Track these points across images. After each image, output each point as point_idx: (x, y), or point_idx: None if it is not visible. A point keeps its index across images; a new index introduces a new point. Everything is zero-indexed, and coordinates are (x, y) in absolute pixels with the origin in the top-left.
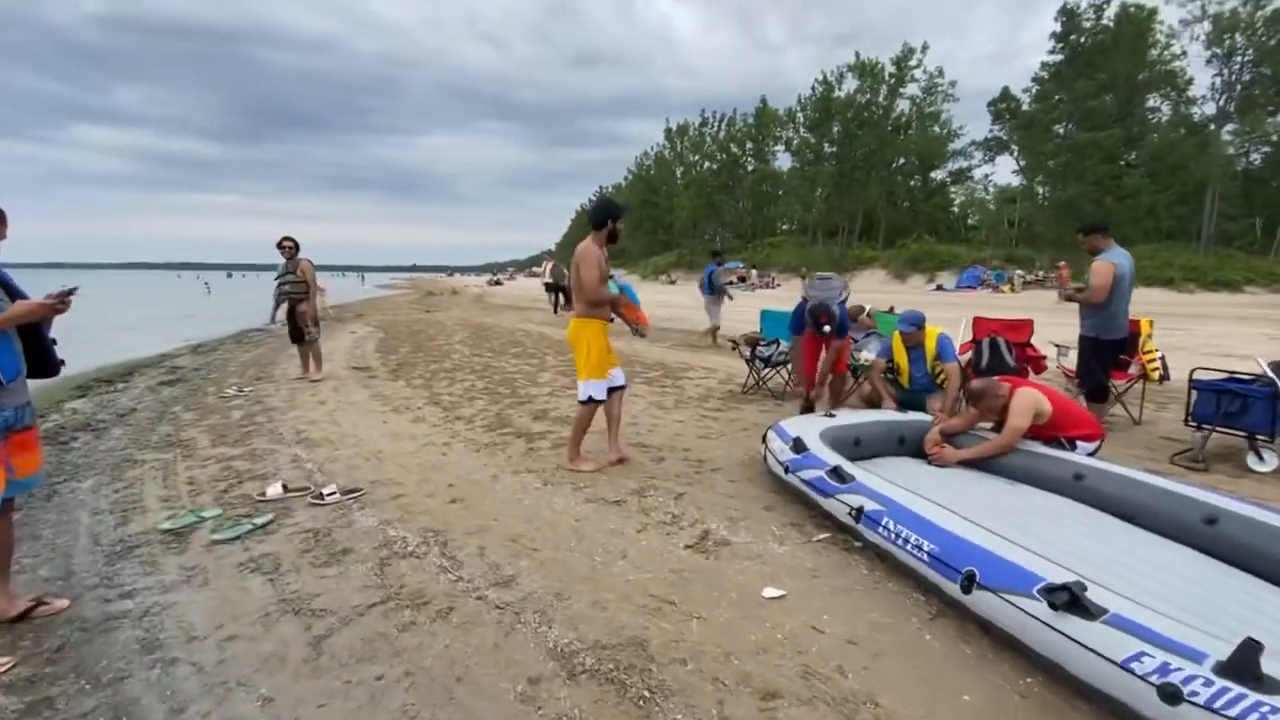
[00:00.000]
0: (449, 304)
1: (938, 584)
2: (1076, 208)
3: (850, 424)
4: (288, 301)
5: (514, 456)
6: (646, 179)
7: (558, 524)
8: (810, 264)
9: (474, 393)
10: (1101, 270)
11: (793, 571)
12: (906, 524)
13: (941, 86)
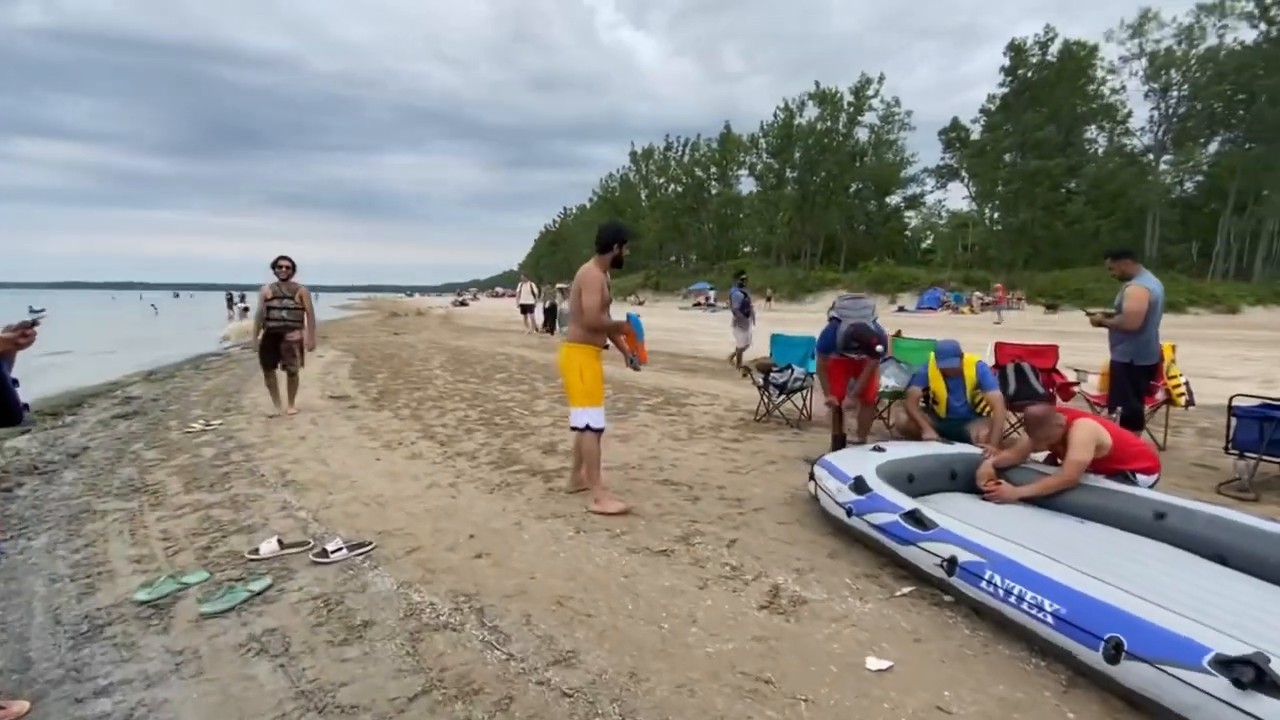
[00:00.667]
0: (416, 325)
1: (1069, 650)
2: (1028, 232)
3: (903, 459)
4: (277, 328)
5: (533, 499)
6: (612, 201)
7: (605, 581)
8: (775, 285)
9: (469, 424)
10: (1138, 295)
11: (889, 635)
12: (1019, 579)
13: (898, 115)
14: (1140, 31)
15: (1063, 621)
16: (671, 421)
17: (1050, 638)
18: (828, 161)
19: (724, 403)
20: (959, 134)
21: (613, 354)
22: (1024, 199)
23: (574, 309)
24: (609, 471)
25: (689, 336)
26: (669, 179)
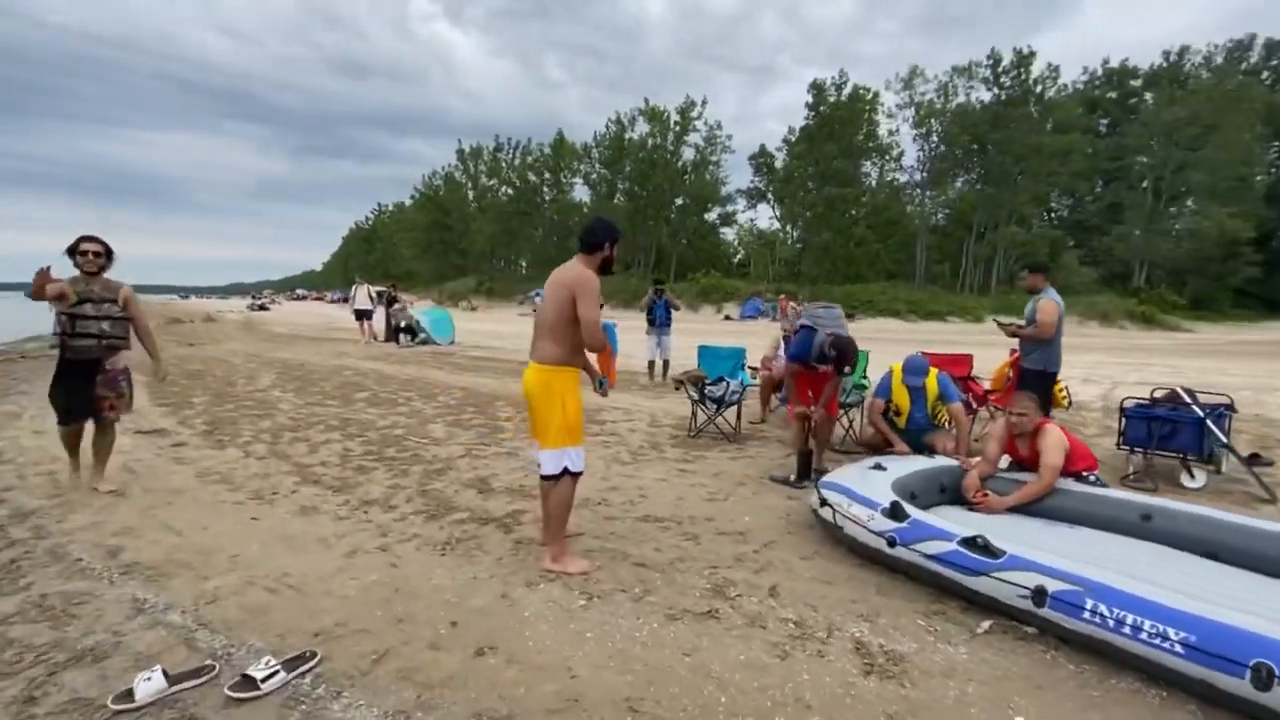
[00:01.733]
0: (212, 334)
1: (1206, 679)
2: (830, 251)
3: (904, 476)
4: (86, 351)
5: (504, 558)
6: (436, 199)
7: (667, 666)
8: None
9: (357, 460)
10: (1049, 308)
11: (1009, 685)
12: (1131, 608)
13: (720, 139)
14: (910, 84)
15: (1195, 650)
16: (605, 444)
17: (1180, 668)
18: (658, 176)
19: (643, 418)
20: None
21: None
22: (824, 222)
23: (554, 321)
24: (575, 509)
25: None
26: (501, 181)
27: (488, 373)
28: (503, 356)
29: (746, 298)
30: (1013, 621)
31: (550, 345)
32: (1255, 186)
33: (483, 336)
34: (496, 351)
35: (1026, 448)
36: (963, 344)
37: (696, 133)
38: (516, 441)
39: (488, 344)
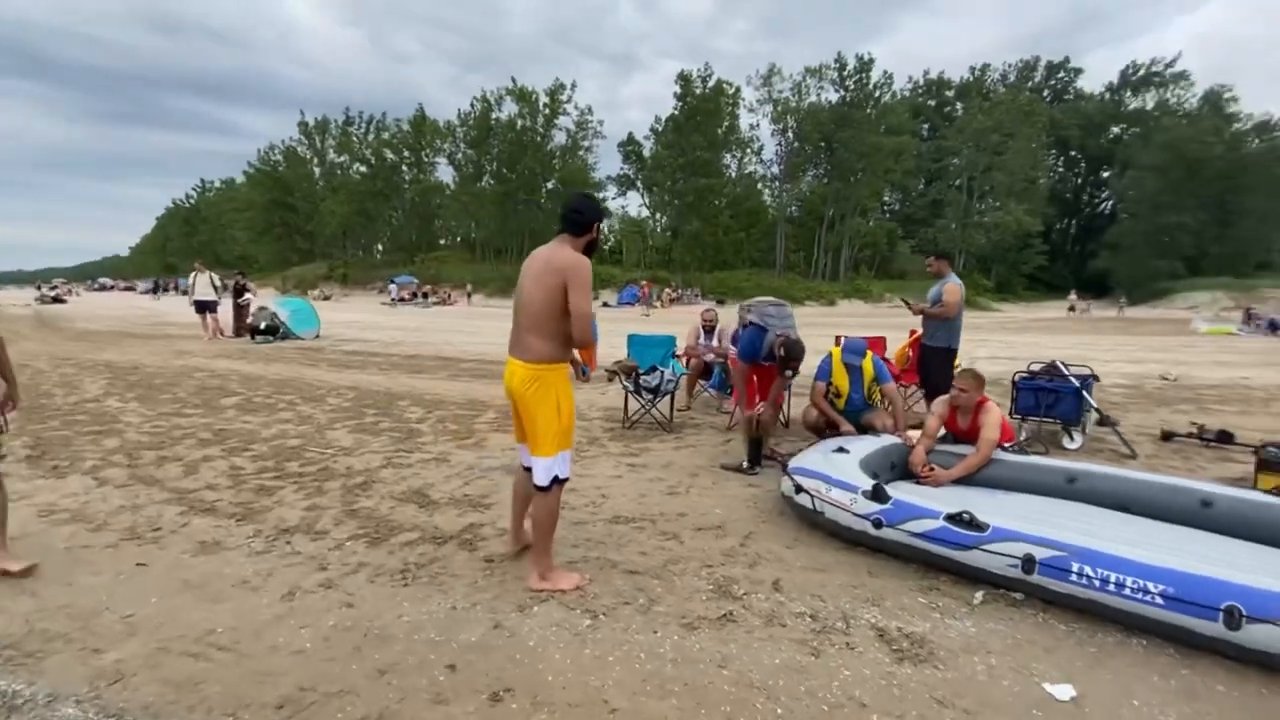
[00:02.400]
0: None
1: (1184, 626)
2: (701, 240)
3: (865, 456)
4: None
5: (477, 580)
6: (276, 176)
7: (708, 683)
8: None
9: (252, 478)
10: (955, 290)
11: (1025, 653)
12: (1114, 568)
13: (591, 123)
14: (769, 82)
15: (1174, 600)
16: None
17: (1161, 617)
18: (529, 158)
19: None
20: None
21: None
22: (694, 211)
23: (543, 313)
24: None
25: (442, 337)
26: (354, 158)
27: (373, 369)
28: (384, 351)
29: (624, 284)
30: (1000, 590)
31: (540, 340)
32: (1040, 188)
33: (350, 328)
34: (374, 345)
35: (967, 422)
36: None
37: (567, 116)
38: (440, 445)
39: (360, 337)
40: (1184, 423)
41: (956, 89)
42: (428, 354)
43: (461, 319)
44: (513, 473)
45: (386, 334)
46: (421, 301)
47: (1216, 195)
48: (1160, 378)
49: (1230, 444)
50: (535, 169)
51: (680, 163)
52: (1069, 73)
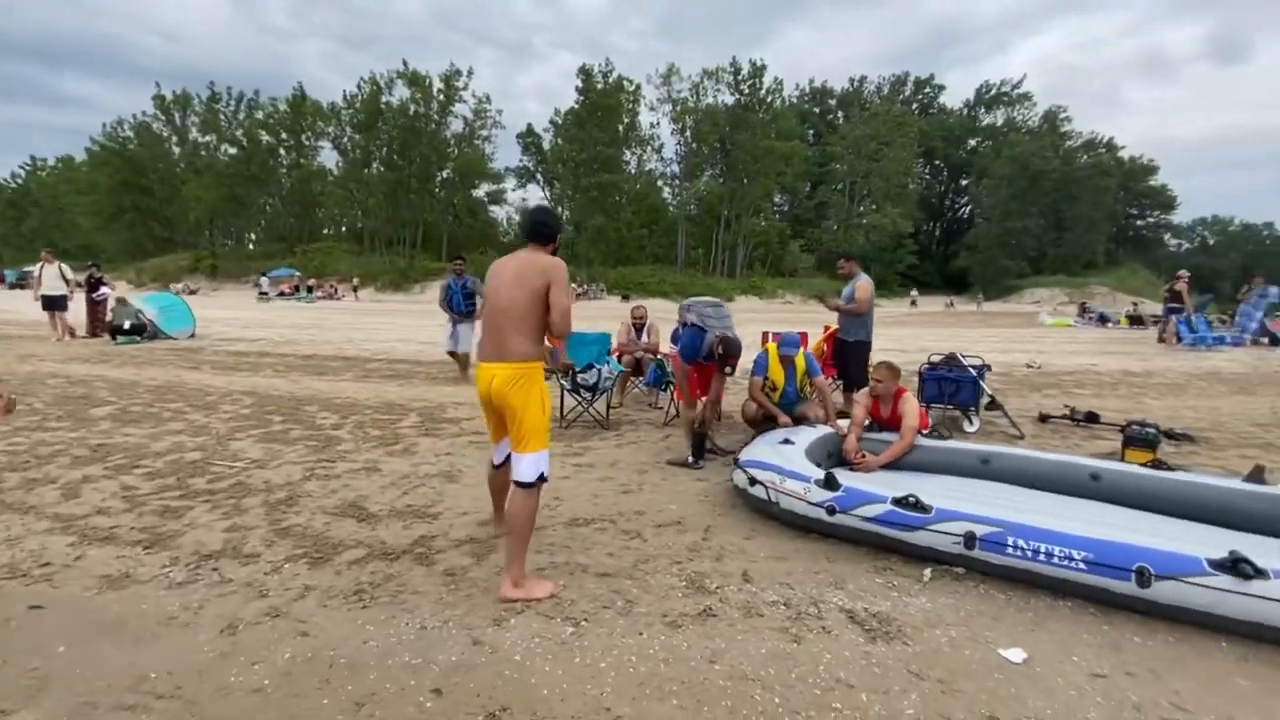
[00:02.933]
0: None
1: (1104, 587)
2: (605, 235)
3: (808, 446)
4: None
5: (443, 596)
6: (126, 155)
7: (705, 680)
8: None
9: (151, 499)
10: (867, 288)
11: (976, 622)
12: (1043, 540)
13: (490, 113)
14: (668, 81)
15: (1094, 564)
16: (477, 445)
17: (1084, 580)
18: (423, 146)
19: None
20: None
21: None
22: (597, 206)
23: (526, 312)
24: (480, 526)
25: (340, 335)
26: (221, 138)
27: (268, 371)
28: (275, 351)
29: None
30: (944, 566)
31: (522, 340)
32: (911, 193)
33: (229, 326)
34: (262, 345)
35: (888, 411)
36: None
37: (463, 104)
38: (366, 453)
39: (243, 336)
40: (1053, 406)
41: (838, 98)
42: (327, 354)
43: (355, 315)
44: (454, 480)
45: (275, 332)
46: (305, 296)
47: (1053, 204)
48: (1026, 365)
49: (1097, 423)
50: (430, 157)
51: (583, 157)
52: (934, 89)
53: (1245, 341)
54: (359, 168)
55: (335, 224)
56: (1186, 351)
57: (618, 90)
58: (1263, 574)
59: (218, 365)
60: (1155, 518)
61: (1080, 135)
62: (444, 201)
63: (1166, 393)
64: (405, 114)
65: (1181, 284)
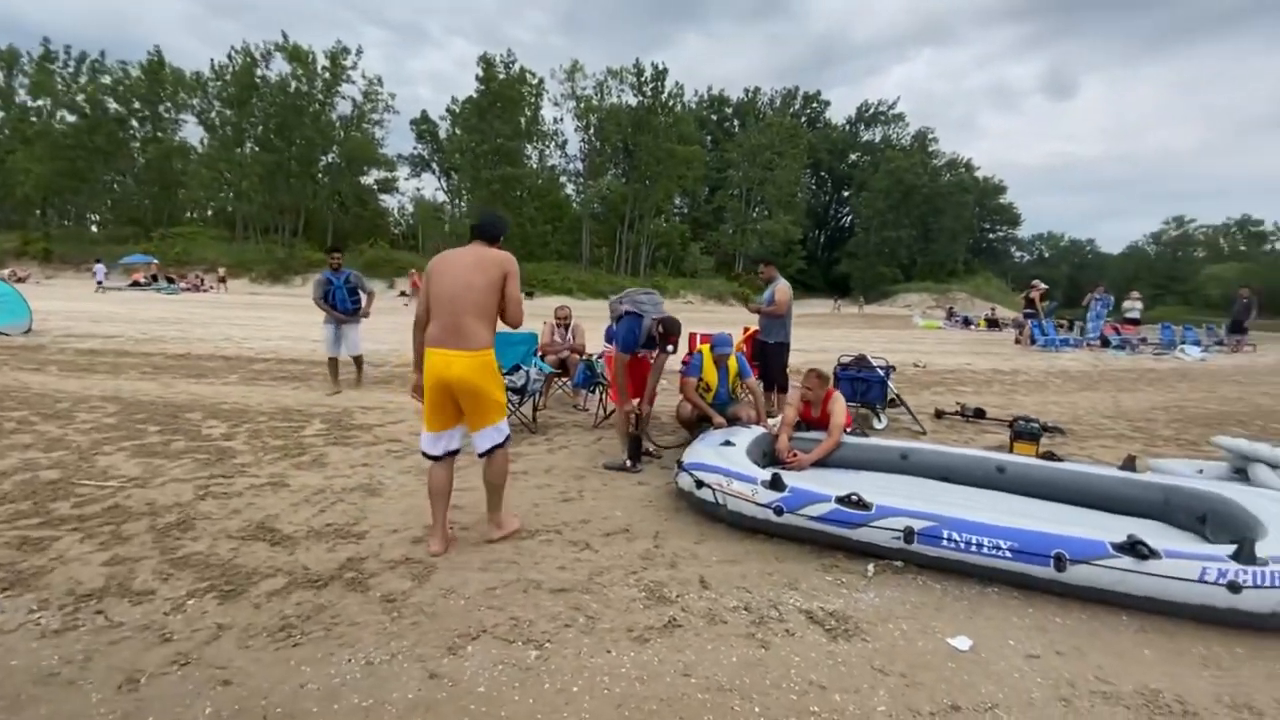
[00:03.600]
0: None
1: (1027, 573)
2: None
3: (748, 447)
4: None
5: (386, 626)
6: None
7: (681, 694)
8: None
9: (1, 528)
10: (785, 291)
11: (923, 613)
12: (973, 532)
13: (382, 96)
14: (572, 77)
15: (1018, 552)
16: (396, 455)
17: (1008, 568)
18: (306, 127)
19: (411, 418)
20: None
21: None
22: (499, 200)
23: (485, 303)
24: (415, 544)
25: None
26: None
27: (132, 373)
28: (137, 349)
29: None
30: (884, 560)
31: (482, 329)
32: (800, 202)
33: (75, 320)
34: (120, 342)
35: (818, 411)
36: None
37: (352, 84)
38: (269, 467)
39: (95, 331)
40: (944, 402)
41: (734, 107)
42: (203, 353)
43: (229, 309)
44: (376, 494)
45: (135, 328)
46: (166, 287)
47: (922, 216)
48: (914, 365)
49: (984, 419)
50: (314, 139)
51: (483, 149)
52: (820, 104)
53: (1084, 344)
54: (230, 147)
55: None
56: (1040, 352)
57: (520, 82)
58: (1155, 554)
59: (67, 366)
60: (1052, 505)
61: (945, 155)
62: (329, 188)
63: (1033, 390)
64: (285, 91)
65: (1035, 292)
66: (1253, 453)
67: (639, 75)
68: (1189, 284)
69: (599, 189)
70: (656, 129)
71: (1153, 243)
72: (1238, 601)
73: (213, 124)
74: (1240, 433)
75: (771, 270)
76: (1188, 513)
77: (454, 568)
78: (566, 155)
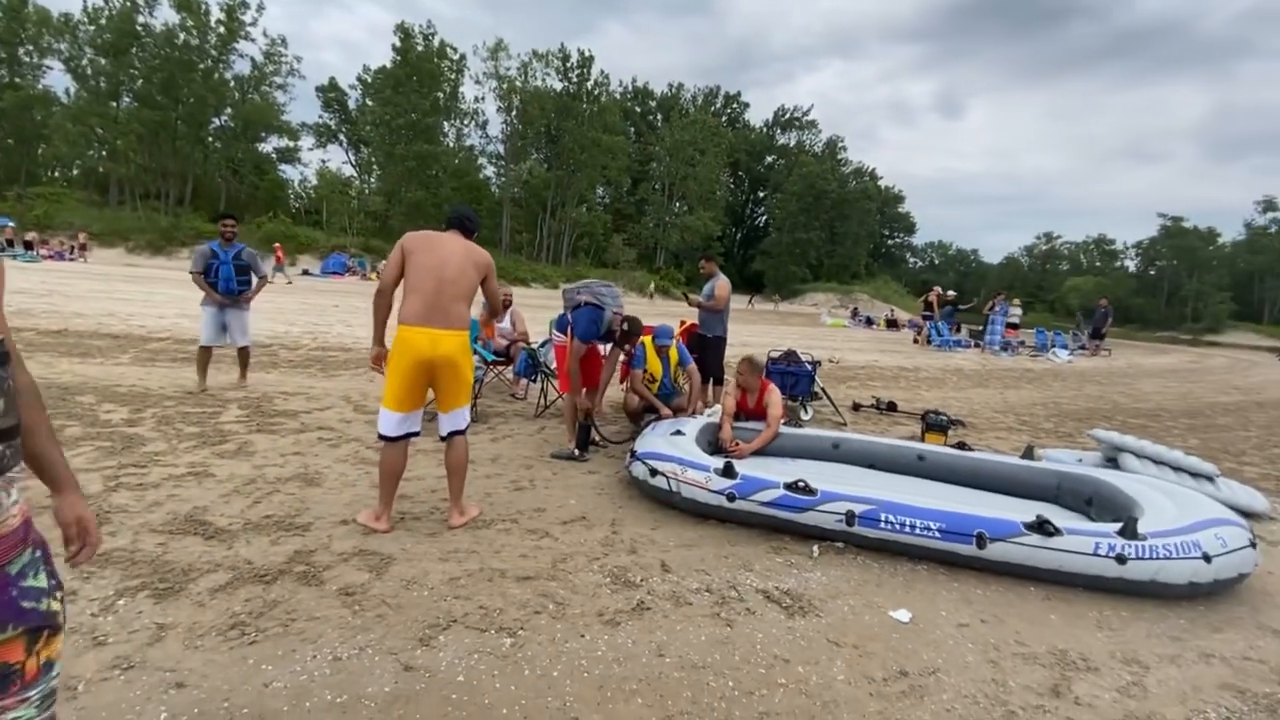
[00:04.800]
0: None
1: (952, 550)
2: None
3: (695, 435)
4: None
5: (347, 620)
6: None
7: (659, 674)
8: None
9: None
10: (724, 287)
11: (867, 590)
12: (908, 514)
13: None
14: (495, 56)
15: (945, 532)
16: (331, 443)
17: (937, 546)
18: (196, 85)
19: (339, 403)
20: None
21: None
22: (415, 178)
23: (467, 290)
24: (366, 535)
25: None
26: None
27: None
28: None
29: (328, 251)
30: (827, 541)
31: (465, 310)
32: (719, 199)
33: None
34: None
35: (754, 402)
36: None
37: (251, 42)
38: (187, 455)
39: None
40: (860, 395)
41: (658, 101)
42: (84, 330)
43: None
44: (315, 483)
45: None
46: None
47: (829, 220)
48: (828, 360)
49: (896, 411)
50: (206, 99)
51: (399, 123)
52: (740, 104)
53: (985, 348)
54: (104, 100)
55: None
56: (936, 351)
57: (440, 56)
58: (1059, 532)
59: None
60: (964, 490)
61: (852, 163)
62: (221, 153)
63: (934, 385)
64: (172, 43)
65: (933, 296)
66: (1122, 444)
67: (565, 60)
68: (1054, 293)
69: (521, 174)
70: (581, 116)
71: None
72: (1124, 571)
73: (83, 73)
74: (1109, 426)
75: (712, 266)
76: (1076, 495)
77: (411, 559)
78: (487, 136)
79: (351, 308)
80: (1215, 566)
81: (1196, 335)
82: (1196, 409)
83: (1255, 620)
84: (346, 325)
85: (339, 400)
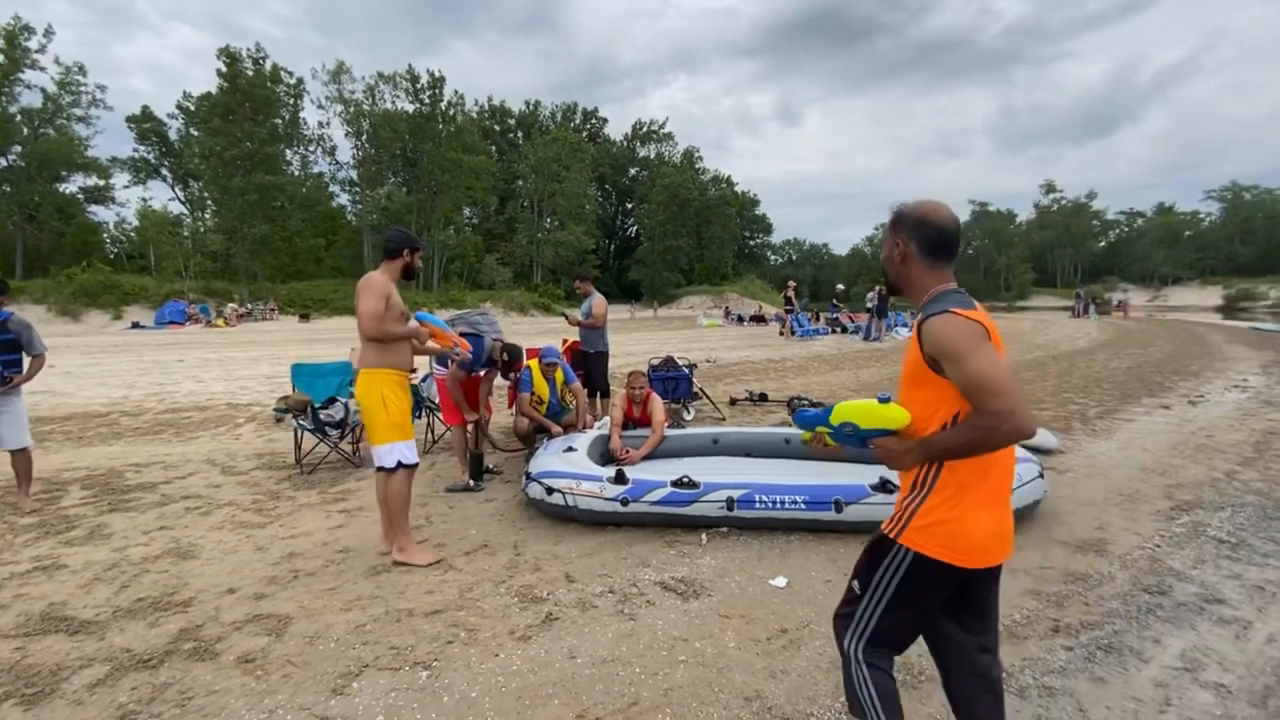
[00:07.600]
0: None
1: (816, 518)
2: (270, 245)
3: (587, 449)
4: None
5: (252, 686)
6: None
7: (570, 675)
8: None
9: None
10: (602, 304)
11: (752, 565)
12: (778, 493)
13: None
14: (338, 79)
15: (810, 503)
16: (202, 510)
17: (803, 516)
18: None
19: (203, 467)
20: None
21: None
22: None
23: (362, 326)
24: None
25: None
26: None
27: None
28: None
29: (163, 300)
30: (713, 528)
31: (367, 351)
32: (589, 213)
33: None
34: None
35: (640, 411)
36: None
37: (40, 71)
38: (29, 548)
39: None
40: (735, 390)
41: (517, 119)
42: None
43: None
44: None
45: None
46: None
47: (695, 227)
48: (706, 361)
49: (767, 401)
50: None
51: (232, 154)
52: (599, 120)
53: (826, 332)
54: None
55: None
56: (799, 342)
57: (274, 81)
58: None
59: None
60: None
61: (710, 172)
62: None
63: (799, 373)
64: None
65: (790, 291)
66: None
67: (414, 82)
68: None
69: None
70: (438, 137)
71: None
72: None
73: None
74: None
75: (587, 285)
76: None
77: (311, 614)
78: (337, 162)
79: (200, 361)
80: (1015, 496)
81: (1010, 303)
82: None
83: (1047, 535)
84: (197, 381)
85: (202, 464)
